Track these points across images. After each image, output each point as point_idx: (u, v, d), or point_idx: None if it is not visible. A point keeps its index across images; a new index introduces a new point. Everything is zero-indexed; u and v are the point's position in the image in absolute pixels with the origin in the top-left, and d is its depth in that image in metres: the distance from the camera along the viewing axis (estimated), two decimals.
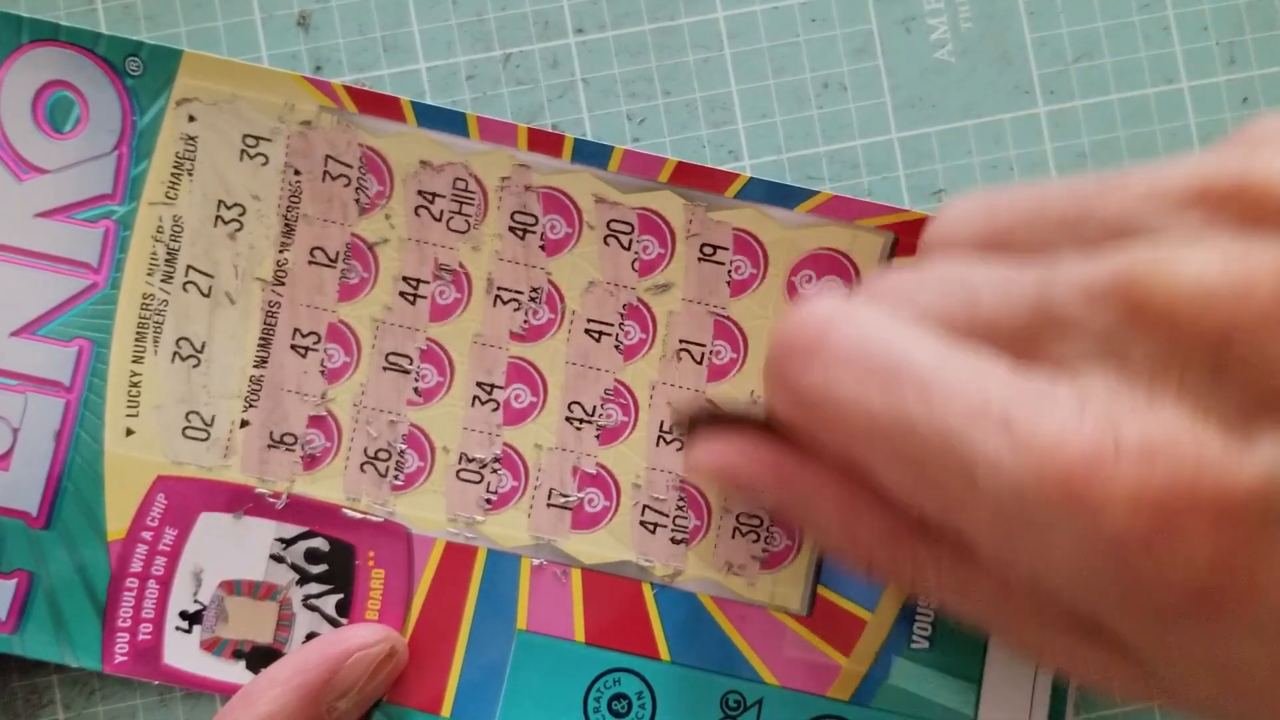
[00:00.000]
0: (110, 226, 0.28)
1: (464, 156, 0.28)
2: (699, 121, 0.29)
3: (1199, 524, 0.17)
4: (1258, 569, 0.17)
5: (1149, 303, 0.18)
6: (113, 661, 0.28)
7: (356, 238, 0.28)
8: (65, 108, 0.28)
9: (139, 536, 0.28)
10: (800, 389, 0.20)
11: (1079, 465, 0.17)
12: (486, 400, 0.28)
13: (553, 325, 0.28)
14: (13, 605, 0.28)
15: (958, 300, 0.20)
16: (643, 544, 0.28)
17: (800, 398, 0.20)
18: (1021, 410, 0.18)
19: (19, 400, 0.28)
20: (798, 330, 0.20)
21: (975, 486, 0.18)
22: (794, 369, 0.20)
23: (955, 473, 0.18)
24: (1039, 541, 0.18)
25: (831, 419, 0.20)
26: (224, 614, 0.28)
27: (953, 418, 0.18)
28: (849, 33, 0.29)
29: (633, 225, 0.28)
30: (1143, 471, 0.17)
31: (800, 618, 0.28)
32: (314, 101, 0.28)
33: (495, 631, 0.28)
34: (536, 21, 0.29)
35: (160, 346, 0.28)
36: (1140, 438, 0.17)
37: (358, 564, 0.28)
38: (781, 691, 0.28)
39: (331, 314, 0.28)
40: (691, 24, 0.29)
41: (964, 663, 0.28)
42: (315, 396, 0.28)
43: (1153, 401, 0.17)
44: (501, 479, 0.28)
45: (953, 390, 0.18)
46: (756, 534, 0.28)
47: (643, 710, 0.28)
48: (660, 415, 0.28)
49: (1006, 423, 0.18)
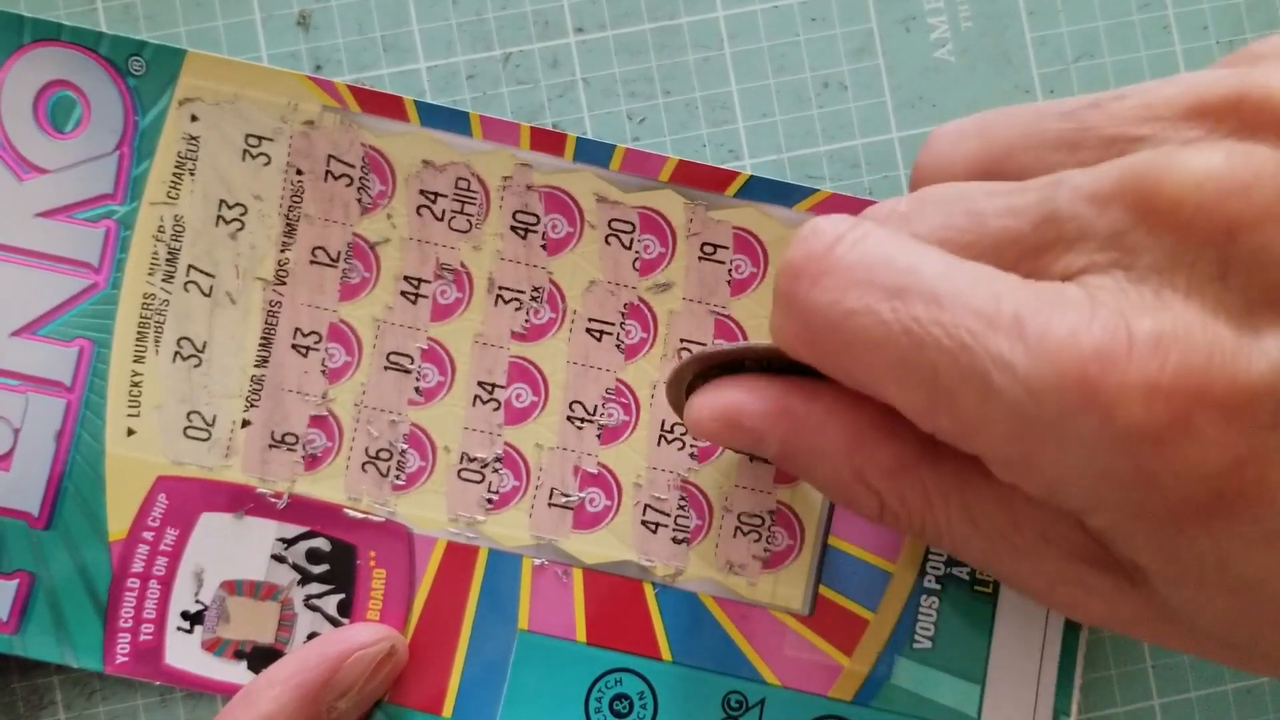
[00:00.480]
0: (111, 226, 0.28)
1: (466, 156, 0.28)
2: (699, 121, 0.29)
3: (1210, 417, 0.17)
4: (1269, 470, 0.17)
5: (1155, 200, 0.18)
6: (114, 662, 0.28)
7: (358, 237, 0.28)
8: (67, 108, 0.28)
9: (140, 537, 0.28)
10: (810, 310, 0.20)
11: (1092, 361, 0.17)
12: (488, 400, 0.28)
13: (554, 325, 0.28)
14: (14, 606, 0.28)
15: (961, 220, 0.19)
16: (644, 544, 0.28)
17: (810, 319, 0.20)
18: (1033, 313, 0.18)
19: (20, 400, 0.28)
20: (805, 251, 0.20)
21: (989, 393, 0.18)
22: (802, 291, 0.20)
23: (969, 381, 0.18)
24: (1054, 446, 0.18)
25: (842, 339, 0.19)
26: (225, 614, 0.28)
27: (965, 324, 0.18)
28: (849, 32, 0.29)
29: (634, 224, 0.28)
30: (1155, 363, 0.17)
31: (802, 617, 0.28)
32: (317, 101, 0.28)
33: (496, 631, 0.28)
34: (536, 21, 0.29)
35: (161, 346, 0.28)
36: (1152, 331, 0.17)
37: (359, 564, 0.28)
38: (783, 692, 0.28)
39: (333, 313, 0.28)
40: (691, 23, 0.29)
41: (967, 662, 0.27)
42: (316, 396, 0.28)
43: (1162, 300, 0.17)
44: (503, 479, 0.28)
45: (963, 298, 0.18)
46: (758, 533, 0.28)
47: (644, 710, 0.28)
48: (662, 415, 0.28)
49: (1019, 326, 0.18)
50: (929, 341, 0.18)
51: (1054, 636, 0.28)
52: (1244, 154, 0.18)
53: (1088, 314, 0.17)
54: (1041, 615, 0.28)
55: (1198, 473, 0.17)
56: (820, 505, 0.28)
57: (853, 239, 0.20)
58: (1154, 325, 0.17)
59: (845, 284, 0.19)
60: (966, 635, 0.27)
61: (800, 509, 0.28)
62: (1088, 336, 0.17)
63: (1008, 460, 0.19)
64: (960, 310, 0.18)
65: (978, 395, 0.18)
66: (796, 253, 0.20)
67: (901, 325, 0.18)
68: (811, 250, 0.20)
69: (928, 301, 0.18)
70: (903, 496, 0.22)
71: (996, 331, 0.18)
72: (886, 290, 0.19)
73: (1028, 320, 0.18)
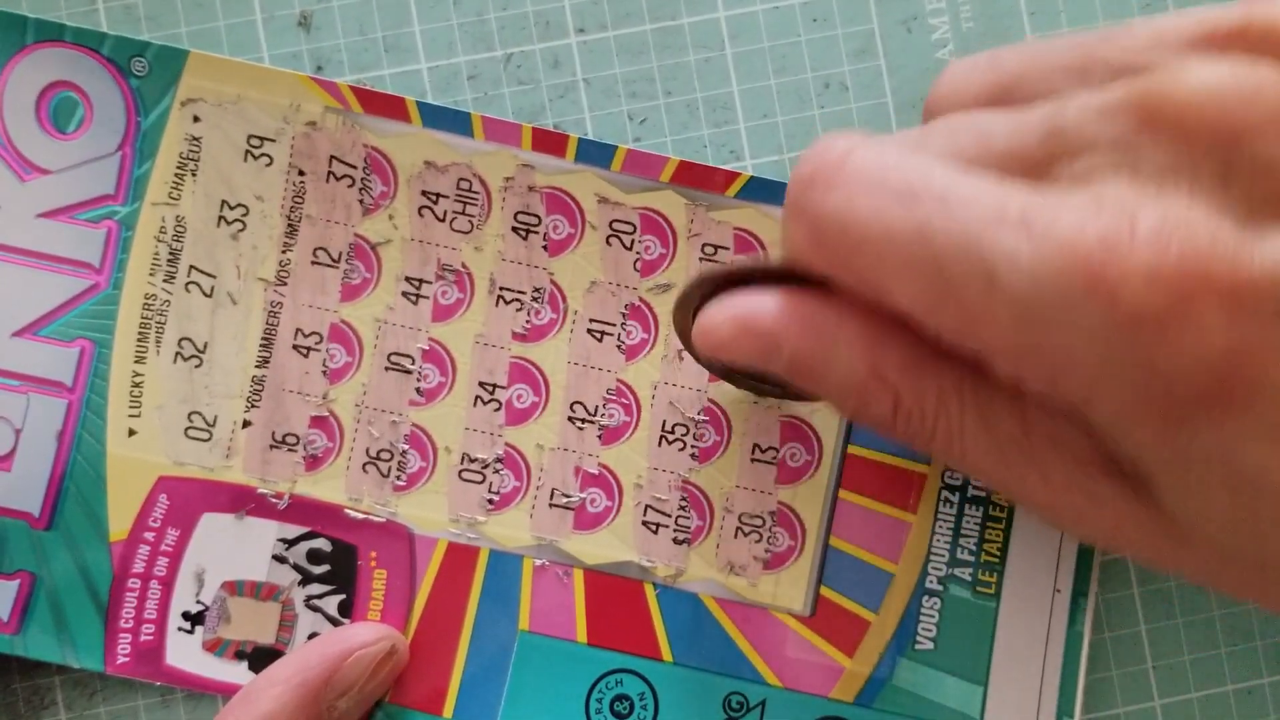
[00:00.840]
0: (113, 227, 0.28)
1: (468, 157, 0.28)
2: (700, 121, 0.29)
3: (1211, 305, 0.17)
4: (1270, 363, 0.17)
5: (1161, 109, 0.18)
6: (115, 662, 0.28)
7: (359, 238, 0.28)
8: (69, 108, 0.28)
9: (141, 537, 0.28)
10: (820, 216, 0.20)
11: (1096, 249, 0.17)
12: (489, 400, 0.28)
13: (555, 325, 0.28)
14: (15, 606, 0.28)
15: (968, 140, 0.20)
16: (645, 544, 0.28)
17: (820, 225, 0.20)
18: (1039, 210, 0.18)
19: (21, 401, 0.28)
20: (817, 161, 0.20)
21: (995, 286, 0.18)
22: (814, 197, 0.20)
23: (975, 274, 0.18)
24: (1058, 333, 0.18)
25: (852, 241, 0.20)
26: (226, 615, 0.28)
27: (972, 221, 0.18)
28: (850, 32, 0.29)
29: (635, 225, 0.28)
30: (1158, 250, 0.17)
31: (803, 618, 0.28)
32: (319, 102, 0.28)
33: (497, 632, 0.28)
34: (538, 21, 0.29)
35: (162, 347, 0.28)
36: (1156, 221, 0.17)
37: (360, 564, 0.28)
38: (784, 693, 0.28)
39: (334, 314, 0.28)
40: (693, 24, 0.29)
41: (969, 663, 0.27)
42: (317, 397, 0.28)
43: (1165, 197, 0.18)
44: (503, 479, 0.28)
45: (971, 198, 0.19)
46: (759, 534, 0.28)
47: (645, 711, 0.28)
48: (663, 415, 0.28)
49: (1024, 221, 0.18)
50: (937, 239, 0.19)
51: (1057, 637, 0.27)
52: (1249, 67, 0.18)
53: (1093, 208, 0.18)
54: (1045, 616, 0.28)
55: (1198, 358, 0.17)
56: (822, 506, 0.28)
57: (864, 149, 0.20)
58: (1158, 216, 0.18)
59: (857, 189, 0.20)
60: (969, 636, 0.27)
61: (801, 510, 0.28)
62: (1093, 226, 0.18)
63: (1011, 351, 0.19)
64: (968, 208, 0.19)
65: (983, 287, 0.18)
66: (809, 163, 0.20)
67: (911, 224, 0.19)
68: (825, 159, 0.20)
69: (937, 201, 0.19)
70: (919, 393, 0.22)
71: (1003, 226, 0.18)
72: (897, 193, 0.19)
73: (1034, 216, 0.18)
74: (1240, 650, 0.29)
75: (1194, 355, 0.17)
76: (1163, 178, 0.18)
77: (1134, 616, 0.28)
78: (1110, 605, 0.28)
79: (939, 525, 0.28)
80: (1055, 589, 0.28)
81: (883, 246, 0.19)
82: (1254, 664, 0.29)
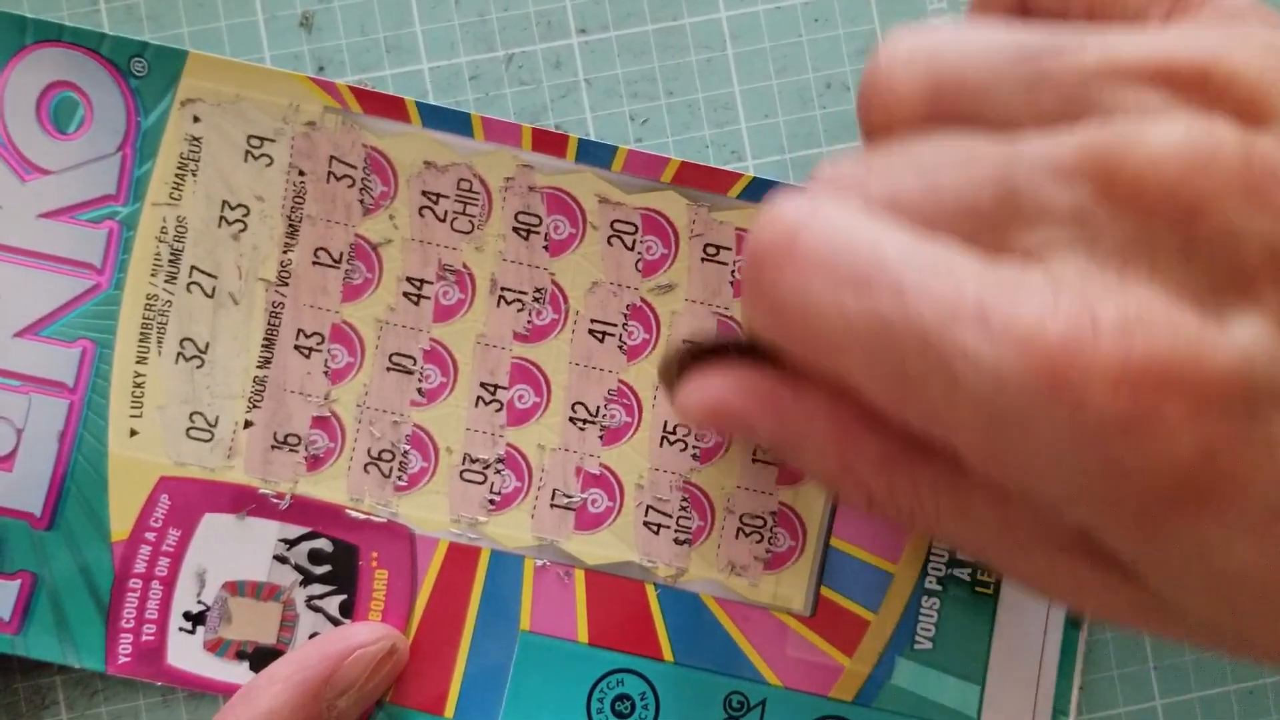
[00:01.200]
0: (114, 227, 0.28)
1: (468, 157, 0.28)
2: (702, 122, 0.29)
3: (1178, 406, 0.17)
4: (1240, 460, 0.17)
5: (1116, 178, 0.17)
6: (116, 662, 0.28)
7: (360, 238, 0.28)
8: (69, 108, 0.28)
9: (142, 537, 0.28)
10: (775, 300, 0.19)
11: (1058, 349, 0.17)
12: (490, 401, 0.28)
13: (556, 326, 0.28)
14: (16, 606, 0.28)
15: (915, 188, 0.19)
16: (646, 544, 0.28)
17: (776, 309, 0.19)
18: (996, 300, 0.17)
19: (23, 401, 0.28)
20: (768, 239, 0.19)
21: (956, 385, 0.18)
22: (767, 280, 0.19)
23: (935, 372, 0.18)
24: (1024, 439, 0.18)
25: (809, 329, 0.19)
26: (227, 615, 0.28)
27: (928, 315, 0.18)
28: (851, 33, 0.29)
29: (636, 225, 0.28)
30: (1120, 348, 0.17)
31: (803, 618, 0.28)
32: (319, 102, 0.28)
33: (498, 632, 0.28)
34: (539, 22, 0.29)
35: (164, 347, 0.28)
36: (1116, 315, 0.17)
37: (361, 565, 0.28)
38: (784, 692, 0.28)
39: (335, 314, 0.28)
40: (694, 24, 0.29)
41: (967, 663, 0.28)
42: (319, 397, 0.28)
43: (1125, 283, 0.17)
44: (505, 479, 0.28)
45: (925, 286, 0.18)
46: (760, 534, 0.28)
47: (646, 711, 0.28)
48: (664, 416, 0.28)
49: (982, 314, 0.17)
50: (894, 334, 0.18)
51: (1054, 637, 0.28)
52: (1205, 130, 0.17)
53: (1051, 300, 0.17)
54: (1042, 616, 0.28)
55: (1168, 463, 0.17)
56: (822, 506, 0.28)
57: (814, 226, 0.19)
58: (1118, 309, 0.17)
59: (809, 274, 0.19)
60: (967, 636, 0.28)
61: (802, 510, 0.28)
62: (1053, 324, 0.17)
63: (979, 453, 0.19)
64: (923, 300, 0.18)
65: (945, 387, 0.18)
66: (759, 241, 0.20)
67: (866, 318, 0.18)
68: (774, 238, 0.19)
69: (891, 292, 0.18)
70: (891, 490, 0.21)
71: (960, 322, 0.17)
72: (850, 281, 0.18)
73: (991, 308, 0.17)
74: None
75: (1164, 459, 0.17)
76: (1122, 256, 0.17)
77: None
78: None
79: None
80: None
81: (840, 337, 0.19)
82: (1256, 665, 0.29)
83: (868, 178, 0.20)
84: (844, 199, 0.20)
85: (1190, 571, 0.18)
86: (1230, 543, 0.18)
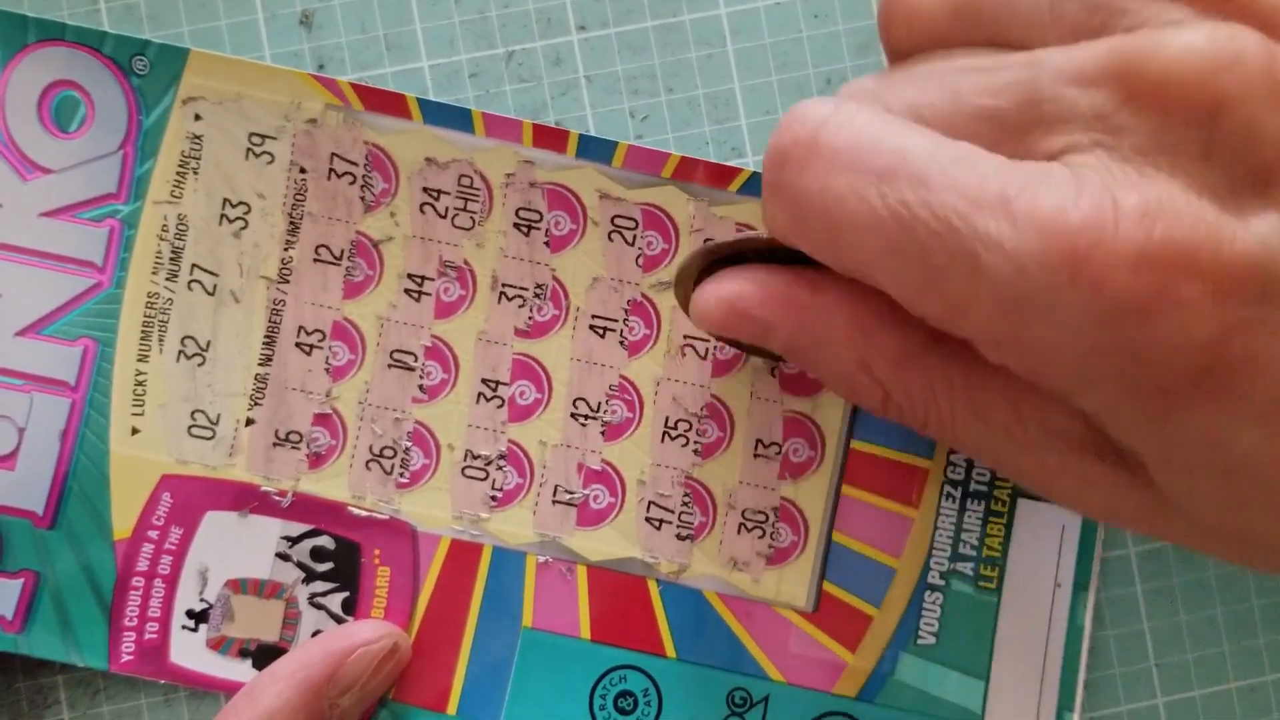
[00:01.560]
0: (115, 225, 0.28)
1: (469, 153, 0.28)
2: (702, 118, 0.29)
3: (1196, 289, 0.17)
4: (1255, 347, 0.17)
5: (1139, 81, 0.18)
6: (119, 661, 0.28)
7: (361, 235, 0.28)
8: (71, 107, 0.28)
9: (145, 535, 0.28)
10: (798, 197, 0.19)
11: (1080, 232, 0.17)
12: (491, 397, 0.28)
13: (557, 321, 0.28)
14: (19, 605, 0.28)
15: (937, 97, 0.19)
16: (648, 540, 0.28)
17: (799, 206, 0.20)
18: (1020, 190, 0.18)
19: (24, 400, 0.28)
20: (791, 137, 0.20)
21: (978, 272, 0.18)
22: (790, 177, 0.20)
23: (958, 260, 0.18)
24: (1042, 322, 0.18)
25: (832, 225, 0.19)
26: (230, 612, 0.28)
27: (952, 204, 0.18)
28: (851, 28, 0.29)
29: (637, 221, 0.28)
30: (1142, 232, 0.17)
31: (806, 614, 0.28)
32: (320, 99, 0.28)
33: (501, 629, 0.28)
34: (539, 19, 0.29)
35: (165, 345, 0.28)
36: (1138, 202, 0.17)
37: (363, 562, 0.28)
38: (787, 688, 0.27)
39: (336, 312, 0.28)
40: (694, 20, 0.29)
41: (971, 658, 0.27)
42: (320, 394, 0.28)
43: (1146, 177, 0.17)
44: (507, 476, 0.28)
45: (950, 178, 0.18)
46: (762, 530, 0.28)
47: (648, 707, 0.28)
48: (665, 412, 0.28)
49: (1005, 203, 0.18)
50: (917, 224, 0.18)
51: (1058, 632, 0.28)
52: (1227, 35, 0.18)
53: (1073, 190, 0.17)
54: (1046, 609, 0.28)
55: (1183, 345, 0.17)
56: (825, 502, 0.28)
57: (837, 122, 0.19)
58: (1140, 198, 0.17)
59: (832, 169, 0.19)
60: (970, 631, 0.27)
61: (804, 505, 0.28)
62: (1074, 211, 0.17)
63: (997, 341, 0.19)
64: (947, 191, 0.18)
65: (966, 274, 0.18)
66: (782, 138, 0.20)
67: (889, 209, 0.18)
68: (797, 136, 0.19)
69: (914, 184, 0.18)
70: (907, 388, 0.21)
71: (983, 210, 0.18)
72: (874, 173, 0.19)
73: (1014, 198, 0.18)
74: (1243, 648, 0.29)
75: (1179, 342, 0.17)
76: (1143, 154, 0.18)
77: (1137, 615, 0.28)
78: (1113, 603, 0.28)
79: (941, 520, 0.28)
80: (1056, 583, 0.28)
81: (862, 231, 0.19)
82: (1257, 662, 0.29)
83: (890, 89, 0.20)
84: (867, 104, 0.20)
85: (1197, 462, 0.19)
86: (1238, 430, 0.18)
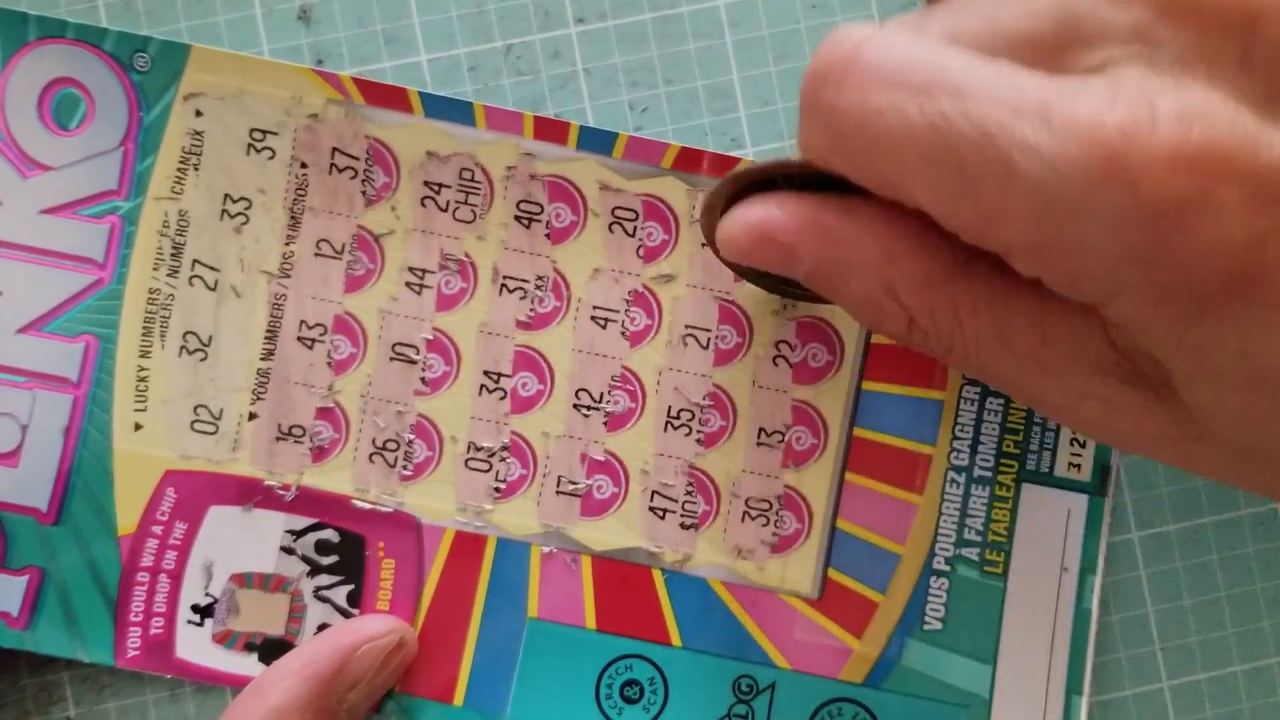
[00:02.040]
0: (116, 222, 0.28)
1: (470, 146, 0.28)
2: (701, 110, 0.29)
3: (1232, 191, 0.17)
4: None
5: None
6: (125, 656, 0.28)
7: (362, 229, 0.28)
8: (71, 105, 0.28)
9: (149, 531, 0.28)
10: (835, 113, 0.20)
11: (1116, 135, 0.17)
12: (494, 389, 0.28)
13: (559, 313, 0.28)
14: (24, 601, 0.28)
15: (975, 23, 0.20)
16: (652, 530, 0.28)
17: (835, 124, 0.20)
18: (1058, 98, 0.18)
19: (27, 397, 0.28)
20: (830, 55, 0.20)
21: (1014, 179, 0.18)
22: (827, 95, 0.20)
23: (993, 168, 0.18)
24: (1078, 226, 0.18)
25: (869, 139, 0.19)
26: (235, 607, 0.28)
27: (990, 113, 0.18)
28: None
29: (637, 212, 0.28)
30: (1179, 134, 0.17)
31: (811, 601, 0.28)
32: (321, 94, 0.28)
33: (506, 620, 0.28)
34: (537, 12, 0.29)
35: (167, 341, 0.28)
36: (1176, 106, 0.17)
37: (368, 554, 0.28)
38: (793, 675, 0.28)
39: (338, 305, 0.28)
40: (692, 12, 0.29)
41: (978, 643, 0.27)
42: (323, 388, 0.28)
43: (1184, 85, 0.18)
44: (510, 467, 0.28)
45: (989, 90, 0.18)
46: (766, 518, 0.28)
47: (655, 696, 0.28)
48: (668, 401, 0.28)
49: (1043, 111, 0.18)
50: (955, 133, 0.18)
51: (1065, 615, 0.28)
52: None
53: (1111, 97, 0.18)
54: (1053, 593, 0.28)
55: (1217, 249, 0.17)
56: (829, 489, 0.28)
57: (877, 41, 0.20)
58: (1178, 102, 0.17)
59: (870, 84, 0.19)
60: (977, 616, 0.28)
61: (808, 493, 0.28)
62: (1112, 115, 0.17)
63: (1031, 247, 0.19)
64: (986, 101, 0.18)
65: (1002, 181, 0.18)
66: (821, 59, 0.20)
67: (927, 119, 0.19)
68: (836, 55, 0.20)
69: (953, 95, 0.18)
70: (932, 312, 0.22)
71: (1021, 118, 0.18)
72: (912, 87, 0.19)
73: (1052, 106, 0.18)
74: (1248, 631, 0.29)
75: (1214, 245, 0.17)
76: (1181, 66, 0.18)
77: (1141, 599, 0.29)
78: (1118, 588, 0.28)
79: (945, 506, 0.28)
80: (1063, 567, 0.28)
81: (899, 144, 0.19)
82: (1262, 644, 0.29)
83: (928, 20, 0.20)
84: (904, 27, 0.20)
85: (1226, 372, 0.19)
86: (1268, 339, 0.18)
